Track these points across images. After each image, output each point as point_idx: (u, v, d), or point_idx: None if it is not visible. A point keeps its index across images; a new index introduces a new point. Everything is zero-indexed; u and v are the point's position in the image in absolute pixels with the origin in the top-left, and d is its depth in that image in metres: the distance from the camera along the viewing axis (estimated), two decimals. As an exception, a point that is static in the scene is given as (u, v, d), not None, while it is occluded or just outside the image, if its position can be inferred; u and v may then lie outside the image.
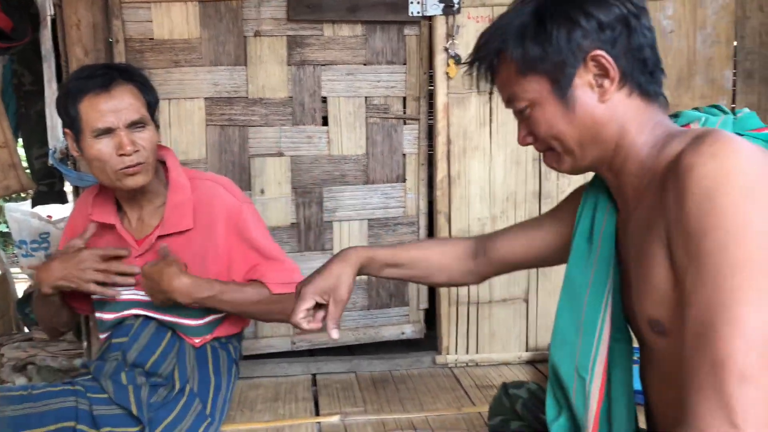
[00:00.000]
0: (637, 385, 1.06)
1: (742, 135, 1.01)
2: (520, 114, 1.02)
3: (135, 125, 1.52)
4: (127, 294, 1.65)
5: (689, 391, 0.75)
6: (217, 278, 1.62)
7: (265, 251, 1.69)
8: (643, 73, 0.95)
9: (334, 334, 1.24)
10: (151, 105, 1.60)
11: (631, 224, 0.97)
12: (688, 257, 0.79)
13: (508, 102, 1.02)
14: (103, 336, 1.70)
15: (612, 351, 1.02)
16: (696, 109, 1.06)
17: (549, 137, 0.99)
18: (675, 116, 1.04)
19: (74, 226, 1.74)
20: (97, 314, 1.70)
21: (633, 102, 0.95)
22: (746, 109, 1.07)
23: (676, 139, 0.91)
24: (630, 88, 0.95)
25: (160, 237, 1.61)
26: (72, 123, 1.52)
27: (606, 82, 0.94)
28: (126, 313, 1.65)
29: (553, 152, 1.02)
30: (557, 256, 1.23)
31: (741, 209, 0.75)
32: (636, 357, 1.06)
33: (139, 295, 1.64)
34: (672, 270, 0.84)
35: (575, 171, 1.03)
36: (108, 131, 1.49)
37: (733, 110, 1.10)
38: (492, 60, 1.00)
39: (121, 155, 1.50)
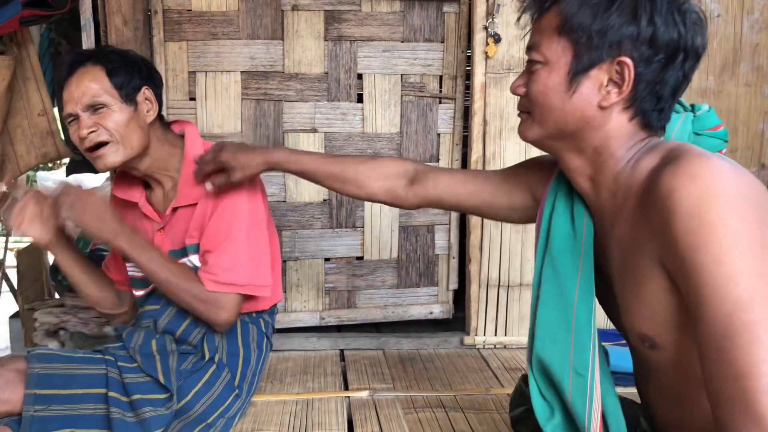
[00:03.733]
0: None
1: (699, 135, 1.07)
2: (529, 65, 1.00)
3: (93, 108, 1.50)
4: None
5: (717, 406, 0.75)
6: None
7: (229, 240, 1.57)
8: (652, 108, 0.94)
9: (208, 186, 1.55)
10: (124, 86, 1.53)
11: (612, 239, 0.98)
12: (686, 276, 0.80)
13: (530, 48, 1.00)
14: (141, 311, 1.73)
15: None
16: None
17: (536, 101, 0.98)
18: None
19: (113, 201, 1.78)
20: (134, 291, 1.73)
21: (630, 125, 0.95)
22: (705, 106, 1.07)
23: (649, 154, 0.91)
24: (633, 113, 0.94)
25: (174, 209, 1.62)
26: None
27: (614, 93, 0.92)
28: (151, 287, 1.67)
29: (528, 116, 1.02)
30: (500, 213, 1.30)
31: (729, 222, 0.77)
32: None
33: None
34: (668, 288, 0.86)
35: (537, 143, 1.05)
36: (73, 117, 1.51)
37: (692, 107, 1.11)
38: (545, 2, 0.98)
39: (80, 138, 1.51)
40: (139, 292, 1.71)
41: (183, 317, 1.62)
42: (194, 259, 1.63)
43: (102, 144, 1.51)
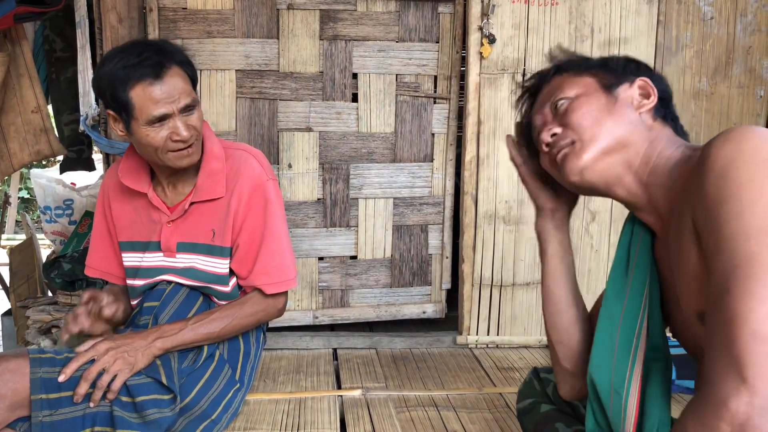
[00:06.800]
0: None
1: None
2: (551, 110, 1.08)
3: (187, 109, 1.54)
4: (156, 260, 1.67)
5: (706, 352, 0.78)
6: (232, 246, 1.64)
7: (271, 235, 1.66)
8: (674, 117, 1.06)
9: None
10: (195, 81, 1.61)
11: (670, 234, 0.99)
12: (707, 229, 0.82)
13: (543, 103, 1.11)
14: (134, 302, 1.72)
15: (647, 369, 1.05)
16: None
17: (584, 124, 1.02)
18: None
19: (104, 194, 1.76)
20: (129, 281, 1.72)
21: (665, 129, 1.04)
22: None
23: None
24: (664, 120, 1.05)
25: (192, 203, 1.63)
26: (121, 108, 1.52)
27: (645, 101, 1.04)
28: (157, 278, 1.67)
29: (571, 146, 1.03)
30: None
31: (755, 180, 0.78)
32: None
33: (169, 261, 1.66)
34: (702, 255, 0.86)
35: (588, 171, 1.01)
36: (163, 118, 1.51)
37: None
38: (548, 73, 1.12)
39: (176, 140, 1.52)
40: (138, 282, 1.70)
41: (184, 314, 1.62)
42: (210, 262, 1.64)
43: None
